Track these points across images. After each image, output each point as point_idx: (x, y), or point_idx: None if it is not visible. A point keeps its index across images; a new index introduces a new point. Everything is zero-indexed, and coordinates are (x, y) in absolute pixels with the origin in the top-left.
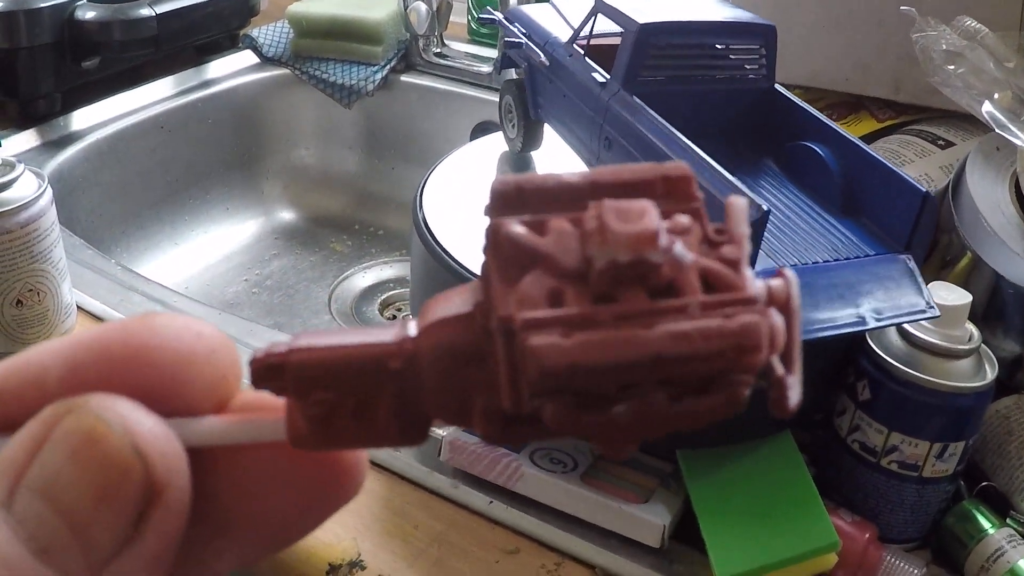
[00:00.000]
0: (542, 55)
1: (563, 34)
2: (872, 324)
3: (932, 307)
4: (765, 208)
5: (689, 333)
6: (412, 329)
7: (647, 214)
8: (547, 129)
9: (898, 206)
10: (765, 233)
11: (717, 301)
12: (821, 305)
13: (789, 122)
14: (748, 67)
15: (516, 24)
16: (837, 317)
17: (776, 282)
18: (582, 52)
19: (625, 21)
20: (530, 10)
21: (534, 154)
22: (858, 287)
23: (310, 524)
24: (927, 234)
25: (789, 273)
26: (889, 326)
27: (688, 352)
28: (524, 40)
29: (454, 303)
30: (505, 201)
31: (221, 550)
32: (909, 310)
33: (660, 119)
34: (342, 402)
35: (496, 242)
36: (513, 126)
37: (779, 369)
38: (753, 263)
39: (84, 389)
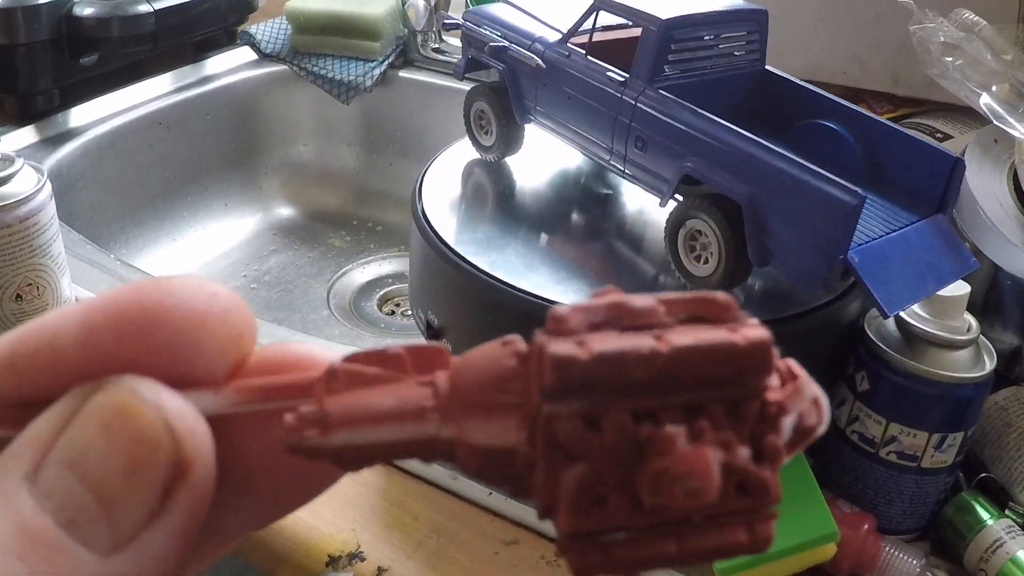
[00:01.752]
0: (536, 57)
1: (541, 33)
2: (946, 282)
3: (975, 261)
4: (861, 194)
5: (708, 552)
6: (450, 426)
7: (708, 485)
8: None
9: (925, 172)
10: None
11: (745, 508)
12: (906, 273)
13: (790, 103)
14: (746, 53)
15: (487, 26)
16: (924, 283)
17: (808, 412)
18: (583, 51)
19: (644, 17)
20: (497, 10)
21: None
22: (922, 252)
23: (320, 487)
24: (955, 195)
25: (823, 404)
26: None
27: (704, 560)
28: (505, 43)
29: (494, 428)
30: (564, 390)
31: (234, 513)
32: (963, 265)
33: (709, 114)
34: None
35: (550, 430)
36: (488, 133)
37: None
38: (846, 249)
39: (99, 351)
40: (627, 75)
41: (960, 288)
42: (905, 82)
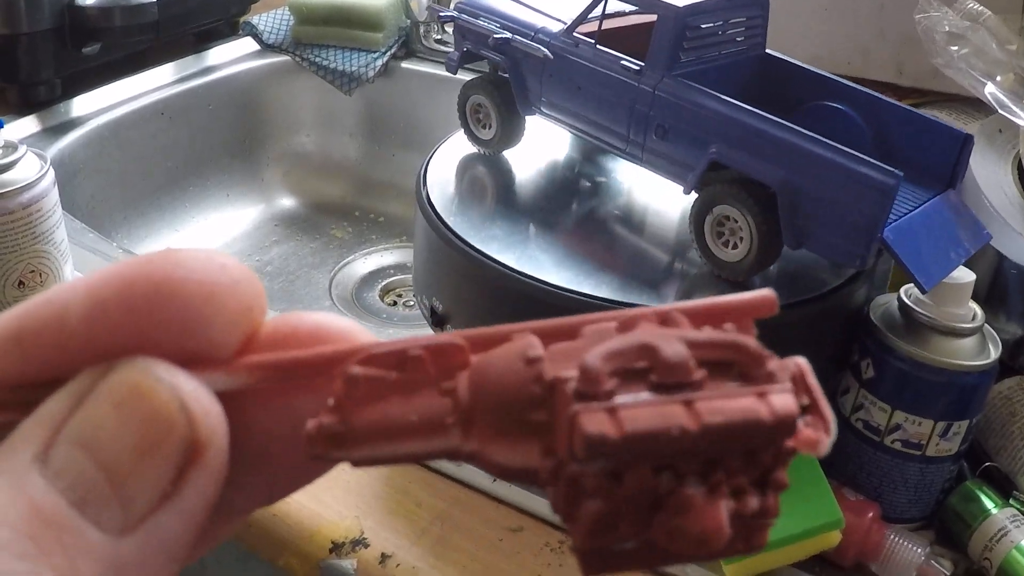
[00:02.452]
0: (543, 48)
1: (543, 23)
2: (968, 254)
3: (988, 232)
4: (898, 174)
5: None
6: (471, 441)
7: (718, 544)
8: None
9: (935, 149)
10: None
11: (745, 528)
12: (934, 248)
13: (794, 85)
14: (748, 37)
15: (484, 17)
16: (949, 256)
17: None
18: (591, 40)
19: (659, 6)
20: (491, 1)
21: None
22: (942, 227)
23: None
24: (964, 170)
25: (822, 437)
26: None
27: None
28: (508, 34)
29: (518, 453)
30: (592, 455)
31: (245, 489)
32: (979, 237)
33: (737, 101)
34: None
35: (574, 481)
36: (487, 127)
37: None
38: (883, 228)
39: (108, 324)
40: (642, 64)
41: (965, 275)
42: (909, 72)
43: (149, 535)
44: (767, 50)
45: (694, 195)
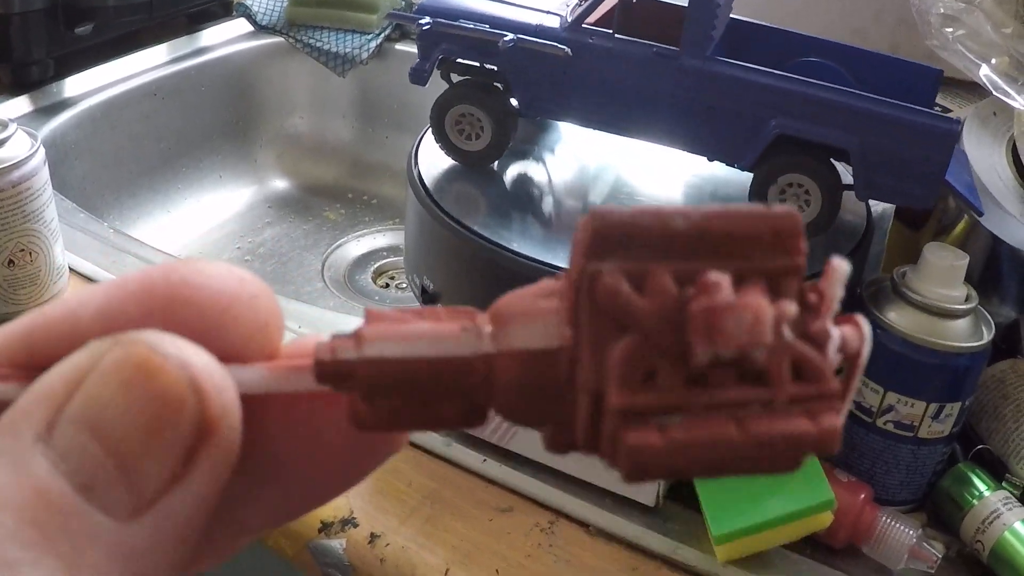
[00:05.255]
0: (563, 46)
1: (536, 19)
2: (968, 185)
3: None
4: (958, 119)
5: (775, 440)
6: (487, 340)
7: (761, 317)
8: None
9: (913, 87)
10: None
11: (803, 395)
12: (960, 181)
13: (770, 46)
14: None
15: (464, 20)
16: (971, 188)
17: (850, 334)
18: (609, 31)
19: None
20: (455, 2)
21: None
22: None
23: (349, 480)
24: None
25: (862, 323)
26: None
27: (771, 455)
28: (512, 35)
29: (537, 328)
30: (606, 245)
31: (256, 505)
32: (965, 165)
33: (792, 75)
34: (409, 410)
35: (594, 292)
36: (473, 138)
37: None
38: (947, 170)
39: (122, 321)
40: (675, 49)
41: (958, 257)
42: (905, 54)
43: (158, 520)
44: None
45: (691, 169)
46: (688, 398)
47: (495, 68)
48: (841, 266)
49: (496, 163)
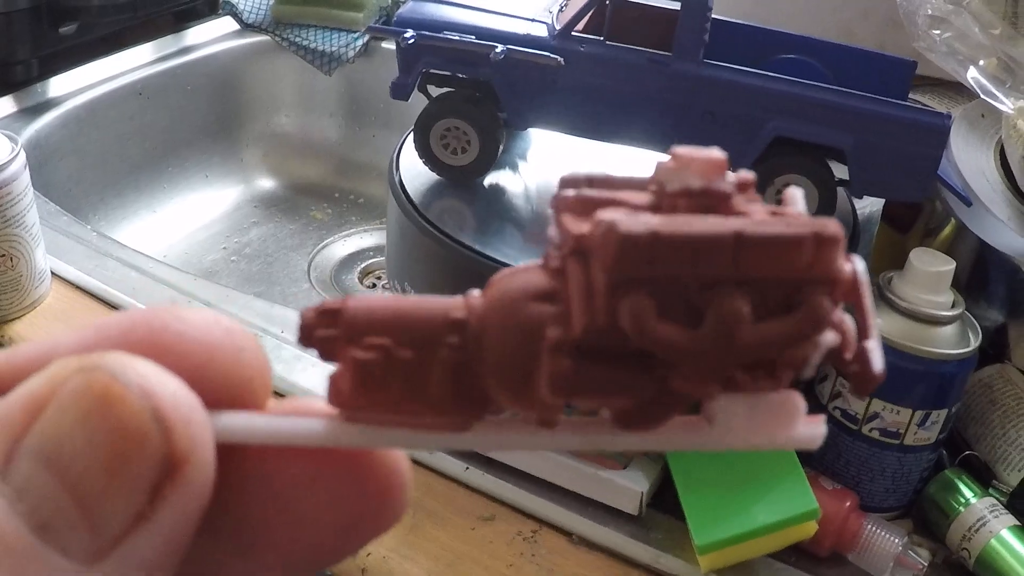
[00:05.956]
0: (556, 56)
1: (522, 28)
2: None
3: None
4: (948, 114)
5: (770, 218)
6: (477, 292)
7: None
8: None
9: (887, 79)
10: None
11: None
12: (944, 173)
13: (747, 44)
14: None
15: (448, 32)
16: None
17: (845, 267)
18: (601, 39)
19: None
20: (434, 11)
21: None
22: None
23: (340, 551)
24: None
25: (853, 257)
26: None
27: (770, 235)
28: (501, 47)
29: (531, 273)
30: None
31: (238, 574)
32: None
33: (790, 77)
34: (396, 354)
35: (562, 199)
36: (459, 152)
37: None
38: (937, 166)
39: None
40: (668, 55)
41: (945, 263)
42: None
43: (122, 562)
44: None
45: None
46: (675, 207)
47: (479, 79)
48: (795, 194)
49: None
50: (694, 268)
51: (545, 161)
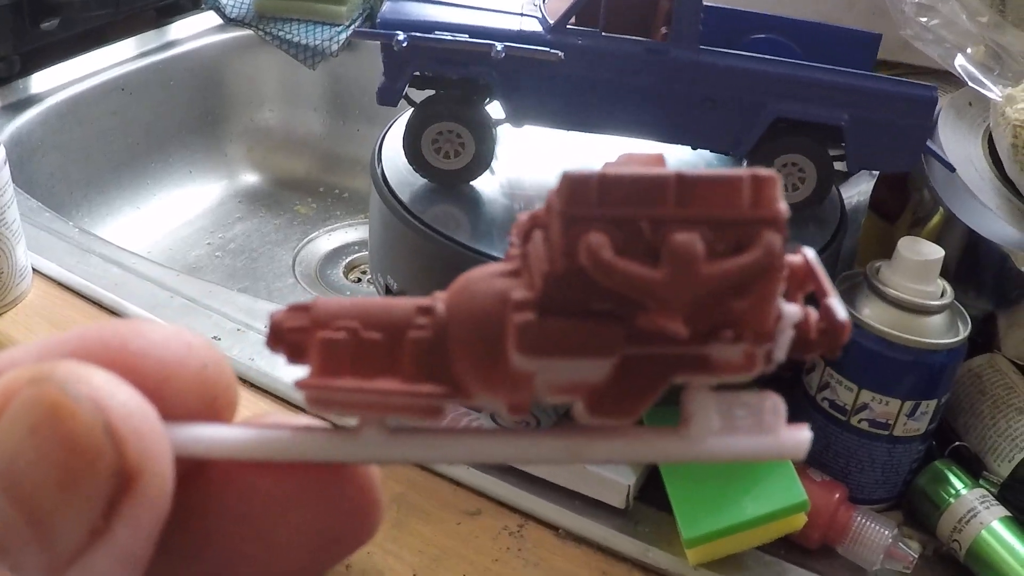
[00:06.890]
0: (556, 51)
1: (514, 24)
2: None
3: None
4: (934, 86)
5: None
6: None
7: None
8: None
9: (855, 54)
10: None
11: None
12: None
13: (719, 26)
14: None
15: (438, 33)
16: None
17: (796, 259)
18: (595, 30)
19: None
20: (415, 11)
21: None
22: None
23: (314, 569)
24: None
25: (805, 249)
26: None
27: (709, 174)
28: (496, 44)
29: (490, 263)
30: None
31: None
32: None
33: (788, 60)
34: (364, 335)
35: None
36: (452, 155)
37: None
38: (928, 136)
39: None
40: (665, 44)
41: (934, 252)
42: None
43: None
44: None
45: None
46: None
47: (470, 79)
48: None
49: None
50: (642, 207)
51: (525, 152)
